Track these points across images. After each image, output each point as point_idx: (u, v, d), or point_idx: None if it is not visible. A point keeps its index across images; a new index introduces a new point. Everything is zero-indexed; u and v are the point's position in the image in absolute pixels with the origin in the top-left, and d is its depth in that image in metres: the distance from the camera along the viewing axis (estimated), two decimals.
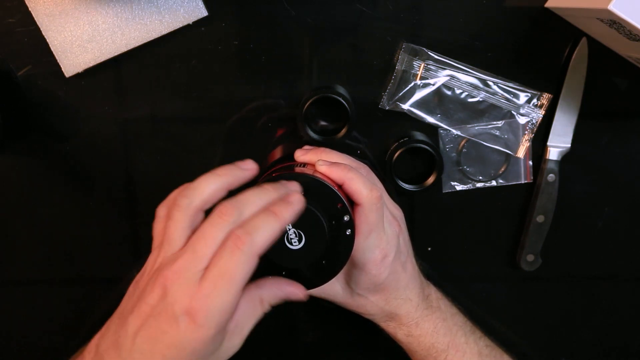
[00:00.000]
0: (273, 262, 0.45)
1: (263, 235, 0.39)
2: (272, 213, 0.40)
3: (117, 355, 0.39)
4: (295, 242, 0.44)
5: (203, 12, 0.55)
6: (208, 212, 0.41)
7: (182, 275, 0.38)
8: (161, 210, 0.43)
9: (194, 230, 0.41)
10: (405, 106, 0.57)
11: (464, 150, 0.60)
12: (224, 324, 0.38)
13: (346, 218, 0.45)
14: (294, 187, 0.44)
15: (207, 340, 0.38)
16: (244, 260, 0.38)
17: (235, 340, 0.41)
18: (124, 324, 0.39)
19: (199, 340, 0.37)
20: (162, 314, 0.38)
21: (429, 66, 0.57)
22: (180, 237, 0.41)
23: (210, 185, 0.42)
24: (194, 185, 0.42)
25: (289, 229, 0.44)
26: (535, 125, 0.58)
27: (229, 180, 0.43)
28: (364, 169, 0.52)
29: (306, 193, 0.45)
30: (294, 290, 0.45)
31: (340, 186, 0.47)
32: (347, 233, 0.46)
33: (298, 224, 0.43)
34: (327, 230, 0.45)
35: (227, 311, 0.38)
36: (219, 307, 0.37)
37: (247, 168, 0.44)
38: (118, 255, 0.61)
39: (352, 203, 0.47)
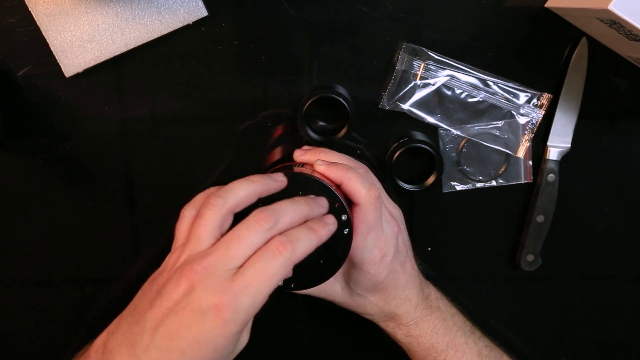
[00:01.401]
0: None
1: (303, 247, 0.40)
2: (312, 230, 0.41)
3: (131, 352, 0.38)
4: None
5: (203, 12, 0.55)
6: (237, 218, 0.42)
7: (213, 271, 0.38)
8: (188, 211, 0.43)
9: (222, 233, 0.41)
10: (405, 106, 0.57)
11: (464, 150, 0.59)
12: (247, 323, 0.39)
13: (344, 217, 0.45)
14: (324, 203, 0.45)
15: (230, 338, 0.38)
16: (282, 265, 0.39)
17: (245, 338, 0.41)
18: (140, 320, 0.39)
19: (222, 337, 0.38)
20: (187, 308, 0.38)
21: (429, 66, 0.57)
22: (210, 236, 0.41)
23: (244, 189, 0.43)
24: (228, 187, 0.43)
25: None
26: (535, 125, 0.58)
27: (261, 188, 0.43)
28: (363, 168, 0.52)
29: (304, 192, 0.45)
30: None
31: (338, 186, 0.47)
32: (345, 232, 0.46)
33: None
34: None
35: (254, 310, 0.38)
36: (249, 304, 0.38)
37: (279, 180, 0.45)
38: (118, 255, 0.61)
39: (351, 203, 0.47)
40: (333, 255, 0.46)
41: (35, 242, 0.60)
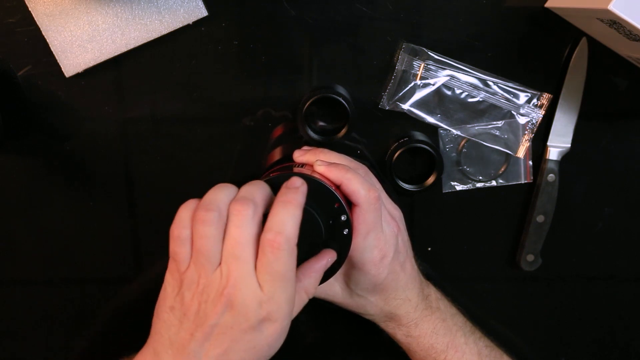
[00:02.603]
0: None
1: (291, 226, 0.40)
2: (286, 202, 0.41)
3: None
4: None
5: (203, 12, 0.55)
6: None
7: (242, 286, 0.39)
8: (180, 231, 0.42)
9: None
10: (405, 106, 0.57)
11: (464, 150, 0.59)
12: (291, 310, 0.42)
13: (343, 218, 0.45)
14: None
15: (281, 332, 0.41)
16: (286, 256, 0.40)
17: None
18: (185, 351, 0.40)
19: (276, 334, 0.41)
20: (236, 327, 0.40)
21: (429, 66, 0.57)
22: (216, 251, 0.40)
23: (222, 191, 0.42)
24: (210, 198, 0.42)
25: None
26: (535, 125, 0.58)
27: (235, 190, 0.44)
28: (363, 169, 0.52)
29: None
30: (326, 263, 0.45)
31: (338, 186, 0.47)
32: (345, 233, 0.46)
33: None
34: (323, 230, 0.45)
35: (292, 302, 0.41)
36: (285, 301, 0.40)
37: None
38: (118, 255, 0.61)
39: (351, 204, 0.47)
40: None
41: (35, 242, 0.60)
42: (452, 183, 0.60)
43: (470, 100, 0.58)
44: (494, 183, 0.60)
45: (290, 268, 0.40)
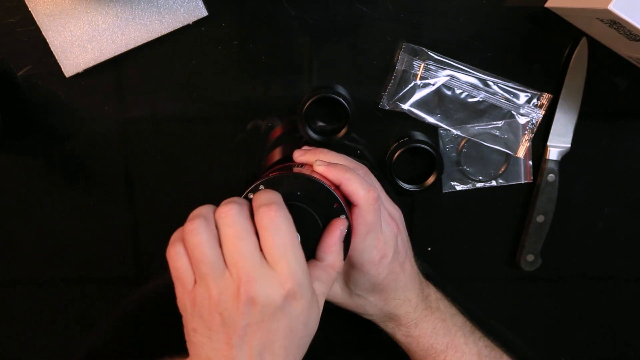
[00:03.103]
0: None
1: (277, 197, 0.42)
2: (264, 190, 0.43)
3: None
4: None
5: (203, 12, 0.55)
6: None
7: (256, 278, 0.39)
8: (173, 249, 0.42)
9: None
10: (405, 106, 0.57)
11: (464, 150, 0.59)
12: (310, 282, 0.41)
13: (343, 218, 0.45)
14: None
15: (310, 307, 0.41)
16: (285, 223, 0.40)
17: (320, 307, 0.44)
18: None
19: (306, 310, 0.41)
20: (267, 318, 0.39)
21: (429, 66, 0.57)
22: (215, 255, 0.40)
23: (204, 206, 0.43)
24: (193, 213, 0.42)
25: None
26: (535, 125, 0.58)
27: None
28: (362, 169, 0.52)
29: (303, 193, 0.45)
30: (340, 232, 0.45)
31: (337, 187, 0.47)
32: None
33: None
34: (322, 229, 0.45)
35: (307, 273, 0.41)
36: (301, 272, 0.40)
37: None
38: (118, 255, 0.61)
39: (350, 204, 0.47)
40: None
41: (35, 242, 0.60)
42: (452, 183, 0.60)
43: (470, 100, 0.58)
44: (494, 183, 0.60)
45: (294, 236, 0.40)
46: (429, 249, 0.62)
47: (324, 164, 0.48)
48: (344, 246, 0.46)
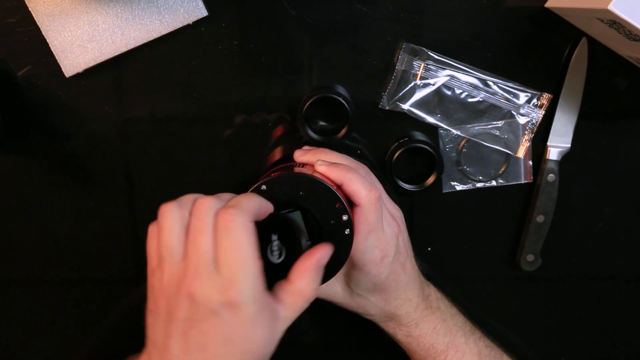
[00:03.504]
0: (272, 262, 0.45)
1: (248, 204, 0.40)
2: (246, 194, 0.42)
3: None
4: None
5: (203, 12, 0.55)
6: None
7: (200, 275, 0.38)
8: (150, 229, 0.42)
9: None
10: (405, 106, 0.57)
11: (464, 150, 0.60)
12: (260, 297, 0.39)
13: (345, 217, 0.45)
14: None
15: (254, 323, 0.38)
16: (241, 230, 0.39)
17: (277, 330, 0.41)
18: (167, 351, 0.39)
19: (247, 324, 0.38)
20: (201, 318, 0.38)
21: (429, 66, 0.57)
22: (177, 242, 0.40)
23: (189, 194, 0.43)
24: (181, 197, 0.42)
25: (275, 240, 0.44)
26: (535, 125, 0.58)
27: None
28: (363, 169, 0.52)
29: (305, 193, 0.45)
30: (319, 259, 0.42)
31: (339, 186, 0.47)
32: (346, 232, 0.46)
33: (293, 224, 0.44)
34: (324, 230, 0.45)
35: (255, 286, 0.39)
36: (247, 283, 0.38)
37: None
38: (118, 255, 0.61)
39: (351, 204, 0.47)
40: (334, 255, 0.46)
41: (35, 242, 0.60)
42: (452, 183, 0.60)
43: (470, 100, 0.58)
44: (494, 183, 0.60)
45: (247, 245, 0.38)
46: (429, 249, 0.62)
47: (326, 163, 0.48)
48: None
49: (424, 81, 0.57)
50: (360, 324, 0.57)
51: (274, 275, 0.43)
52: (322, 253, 0.42)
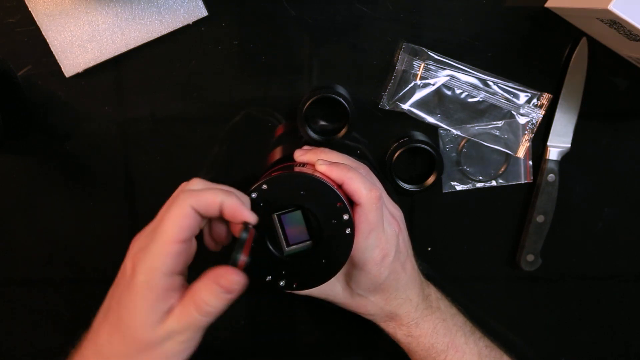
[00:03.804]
0: (274, 260, 0.45)
1: (204, 194, 0.41)
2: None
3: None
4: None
5: (203, 12, 0.55)
6: None
7: (136, 242, 0.43)
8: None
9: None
10: (405, 106, 0.57)
11: (464, 150, 0.60)
12: (157, 274, 0.39)
13: (345, 217, 0.45)
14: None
15: (139, 290, 0.39)
16: (174, 210, 0.41)
17: (171, 346, 0.40)
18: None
19: (131, 289, 0.40)
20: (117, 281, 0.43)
21: (429, 66, 0.57)
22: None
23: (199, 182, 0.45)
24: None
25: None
26: (535, 125, 0.58)
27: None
28: (364, 169, 0.52)
29: (306, 192, 0.45)
30: (228, 280, 0.39)
31: (340, 186, 0.47)
32: (347, 232, 0.46)
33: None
34: (325, 229, 0.45)
35: (160, 255, 0.39)
36: (153, 253, 0.40)
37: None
38: (118, 255, 0.61)
39: (352, 203, 0.47)
40: (335, 254, 0.46)
41: (35, 242, 0.60)
42: (452, 183, 0.60)
43: (470, 100, 0.58)
44: (494, 183, 0.60)
45: (171, 222, 0.40)
46: (429, 249, 0.62)
47: (326, 163, 0.48)
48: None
49: (424, 81, 0.57)
50: (360, 324, 0.57)
51: (278, 269, 0.45)
52: (230, 277, 0.39)
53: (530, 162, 0.60)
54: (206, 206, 0.41)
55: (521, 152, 0.59)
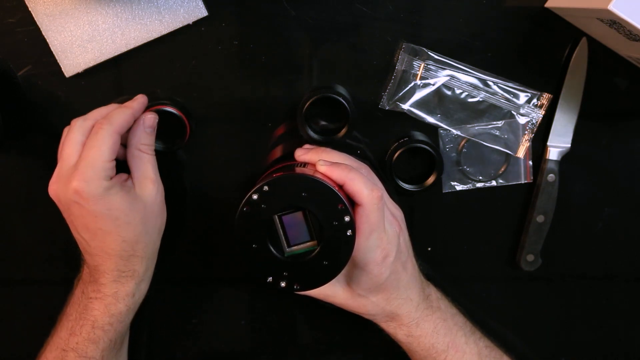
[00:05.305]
0: (275, 261, 0.45)
1: (119, 118, 0.49)
2: (124, 106, 0.51)
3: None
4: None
5: (203, 12, 0.55)
6: None
7: (61, 176, 0.49)
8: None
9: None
10: (405, 106, 0.57)
11: (464, 150, 0.60)
12: (102, 177, 0.47)
13: (347, 218, 0.45)
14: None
15: (102, 196, 0.47)
16: (105, 135, 0.48)
17: (147, 188, 0.51)
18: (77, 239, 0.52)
19: (97, 199, 0.47)
20: (69, 208, 0.49)
21: (429, 66, 0.57)
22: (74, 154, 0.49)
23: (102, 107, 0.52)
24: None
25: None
26: (535, 125, 0.58)
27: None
28: (365, 169, 0.52)
29: (306, 193, 0.45)
30: (150, 119, 0.52)
31: (340, 186, 0.47)
32: (348, 233, 0.46)
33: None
34: (325, 231, 0.45)
35: (100, 164, 0.47)
36: (91, 170, 0.47)
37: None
38: None
39: (353, 203, 0.47)
40: (336, 256, 0.46)
41: (35, 242, 0.60)
42: (452, 183, 0.60)
43: (470, 100, 0.58)
44: (494, 183, 0.60)
45: (101, 145, 0.47)
46: (429, 249, 0.62)
47: (327, 163, 0.48)
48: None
49: (424, 81, 0.57)
50: (360, 324, 0.57)
51: (279, 270, 0.46)
52: (146, 120, 0.52)
53: (530, 162, 0.60)
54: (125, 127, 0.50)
55: (521, 152, 0.59)
